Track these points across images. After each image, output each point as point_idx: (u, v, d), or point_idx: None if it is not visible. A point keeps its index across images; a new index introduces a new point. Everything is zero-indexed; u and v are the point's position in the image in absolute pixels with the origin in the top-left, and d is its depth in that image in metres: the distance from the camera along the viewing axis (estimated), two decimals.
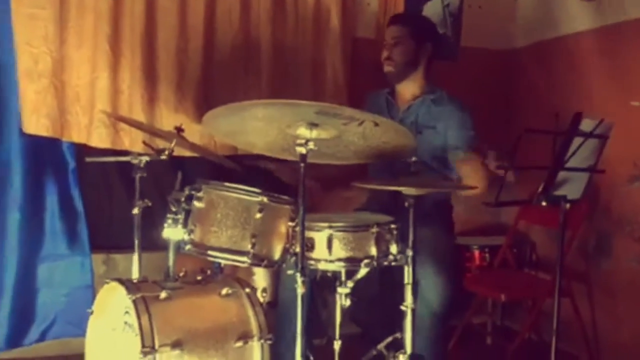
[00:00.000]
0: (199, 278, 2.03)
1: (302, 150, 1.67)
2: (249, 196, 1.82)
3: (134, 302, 1.74)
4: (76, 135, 2.61)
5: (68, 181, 2.72)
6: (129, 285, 1.84)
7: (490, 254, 3.17)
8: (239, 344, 1.83)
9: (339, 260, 1.85)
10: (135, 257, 2.27)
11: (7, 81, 2.54)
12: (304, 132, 1.68)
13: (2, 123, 2.56)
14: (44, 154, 2.66)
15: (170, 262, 1.95)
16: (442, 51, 3.15)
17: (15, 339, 2.61)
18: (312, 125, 1.67)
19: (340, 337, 1.95)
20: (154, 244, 2.14)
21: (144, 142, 2.42)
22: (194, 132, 2.61)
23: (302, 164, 1.69)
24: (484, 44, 3.42)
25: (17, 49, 2.49)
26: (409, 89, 2.56)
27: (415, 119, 2.49)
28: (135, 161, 2.24)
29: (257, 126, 1.80)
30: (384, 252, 1.90)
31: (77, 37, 2.58)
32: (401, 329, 1.92)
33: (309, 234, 1.84)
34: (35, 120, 2.52)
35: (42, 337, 2.68)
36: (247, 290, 1.98)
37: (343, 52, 3.03)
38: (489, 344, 3.23)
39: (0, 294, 2.57)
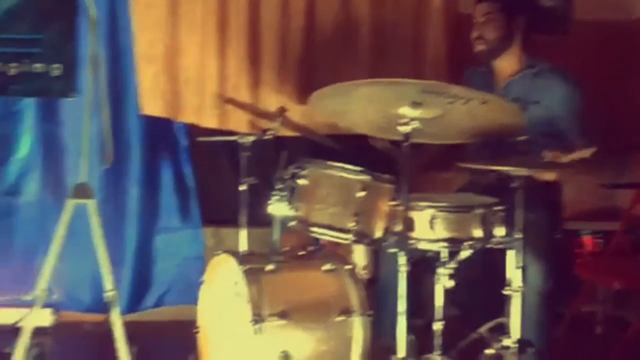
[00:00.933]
0: (301, 253, 2.10)
1: (406, 129, 1.67)
2: (352, 175, 1.85)
3: (245, 272, 1.84)
4: (188, 116, 2.77)
5: (181, 159, 2.90)
6: (239, 257, 1.94)
7: (604, 240, 2.98)
8: (341, 318, 1.89)
9: (441, 240, 1.83)
10: (242, 231, 2.38)
11: (126, 66, 2.75)
12: (407, 111, 1.67)
13: (123, 105, 2.78)
14: (160, 133, 2.85)
15: (275, 237, 2.03)
16: (550, 24, 2.98)
17: (134, 304, 2.85)
18: (416, 104, 1.65)
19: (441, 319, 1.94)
20: (259, 219, 2.23)
21: (250, 123, 2.52)
22: (295, 112, 2.67)
23: (405, 143, 1.69)
24: (600, 15, 3.18)
25: (134, 35, 2.68)
26: (507, 64, 2.46)
27: (519, 95, 2.39)
28: (241, 141, 2.34)
29: (360, 105, 1.82)
30: (487, 235, 1.85)
31: (188, 24, 2.72)
32: (504, 313, 1.88)
33: (410, 213, 1.83)
34: (152, 102, 2.70)
35: (158, 303, 2.91)
36: (348, 266, 2.02)
37: (444, 29, 2.95)
38: (599, 333, 3.06)
39: (122, 263, 2.80)
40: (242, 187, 2.35)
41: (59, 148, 2.82)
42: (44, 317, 2.67)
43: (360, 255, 2.40)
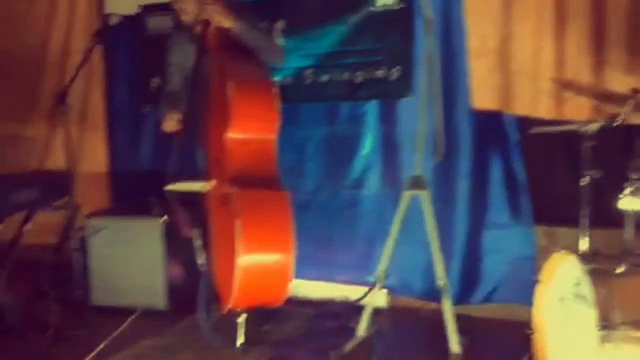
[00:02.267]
0: None
1: None
2: None
3: (590, 273, 1.66)
4: (520, 107, 2.67)
5: (511, 154, 2.80)
6: (582, 255, 1.76)
7: None
8: None
9: None
10: (583, 230, 2.15)
11: (458, 63, 2.79)
12: None
13: (453, 101, 2.82)
14: (489, 127, 2.81)
15: (628, 235, 1.77)
16: None
17: (463, 297, 2.85)
18: None
19: None
20: (602, 217, 1.99)
21: (593, 109, 2.28)
22: None
23: None
24: None
25: (467, 31, 2.71)
26: None
27: None
28: (584, 129, 2.13)
29: None
30: None
31: (521, 13, 2.63)
32: None
33: None
34: (482, 96, 2.70)
35: (486, 300, 2.86)
36: None
37: None
38: None
39: (451, 255, 2.83)
40: (583, 182, 2.14)
41: (395, 145, 3.03)
42: (382, 298, 2.92)
43: None
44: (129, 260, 2.98)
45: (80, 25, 3.60)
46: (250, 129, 2.36)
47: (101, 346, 2.49)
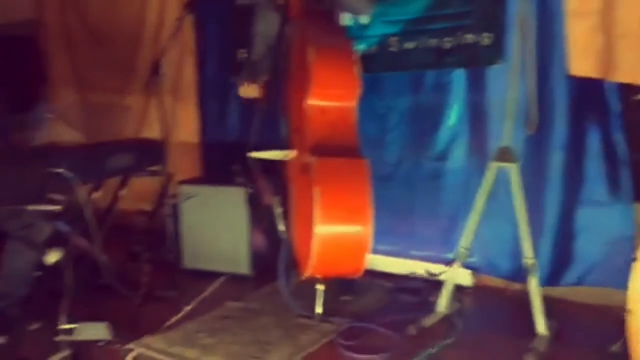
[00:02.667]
0: None
1: None
2: None
3: None
4: (622, 74, 2.43)
5: (611, 124, 2.57)
6: None
7: None
8: None
9: None
10: None
11: (555, 25, 2.58)
12: None
13: (549, 67, 2.62)
14: (587, 95, 2.59)
15: None
16: None
17: (553, 278, 2.68)
18: None
19: None
20: None
21: None
22: None
23: None
24: None
25: None
26: None
27: None
28: None
29: None
30: None
31: None
32: None
33: None
34: (581, 61, 2.48)
35: (579, 282, 2.67)
36: None
37: None
38: None
39: (541, 233, 2.67)
40: None
41: (483, 114, 2.88)
42: (464, 277, 2.82)
43: None
44: (217, 227, 3.10)
45: None
46: (329, 96, 2.35)
47: (189, 307, 2.63)
